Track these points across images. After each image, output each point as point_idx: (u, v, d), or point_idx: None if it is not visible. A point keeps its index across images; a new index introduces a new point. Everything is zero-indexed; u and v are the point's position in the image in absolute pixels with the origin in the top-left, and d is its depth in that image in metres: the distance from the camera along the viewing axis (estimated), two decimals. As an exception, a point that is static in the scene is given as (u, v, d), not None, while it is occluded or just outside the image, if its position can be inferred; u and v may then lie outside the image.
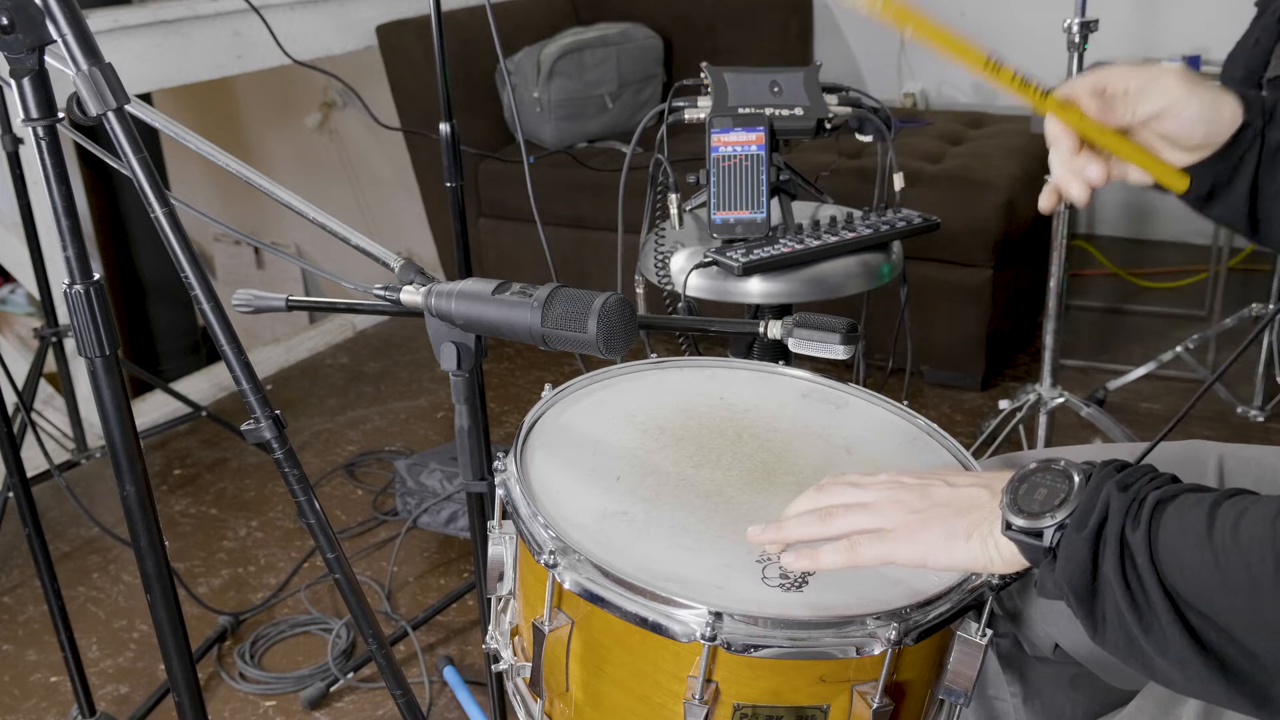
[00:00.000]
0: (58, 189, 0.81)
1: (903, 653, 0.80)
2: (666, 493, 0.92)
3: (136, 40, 2.70)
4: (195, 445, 2.83)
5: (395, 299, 1.01)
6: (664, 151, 1.67)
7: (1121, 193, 3.77)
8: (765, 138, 1.61)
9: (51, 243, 2.32)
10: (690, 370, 1.13)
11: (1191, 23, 3.22)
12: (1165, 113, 0.90)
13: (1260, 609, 0.68)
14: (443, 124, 1.48)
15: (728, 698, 0.80)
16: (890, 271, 1.66)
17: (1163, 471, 0.77)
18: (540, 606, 0.86)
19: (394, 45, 3.16)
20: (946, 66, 3.66)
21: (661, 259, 1.65)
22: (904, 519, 0.83)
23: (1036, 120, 2.76)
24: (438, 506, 2.27)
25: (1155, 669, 0.74)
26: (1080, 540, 0.74)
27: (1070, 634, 0.99)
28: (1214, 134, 0.91)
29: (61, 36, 0.77)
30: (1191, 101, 0.89)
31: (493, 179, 3.22)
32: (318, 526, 0.95)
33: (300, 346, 3.40)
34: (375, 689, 1.93)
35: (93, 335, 0.85)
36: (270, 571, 2.29)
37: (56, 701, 1.95)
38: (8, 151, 2.21)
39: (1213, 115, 0.90)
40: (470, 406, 1.08)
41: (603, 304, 0.91)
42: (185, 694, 0.98)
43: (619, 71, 3.28)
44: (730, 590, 0.81)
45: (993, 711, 1.09)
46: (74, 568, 2.32)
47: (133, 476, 0.88)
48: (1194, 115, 0.90)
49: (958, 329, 2.82)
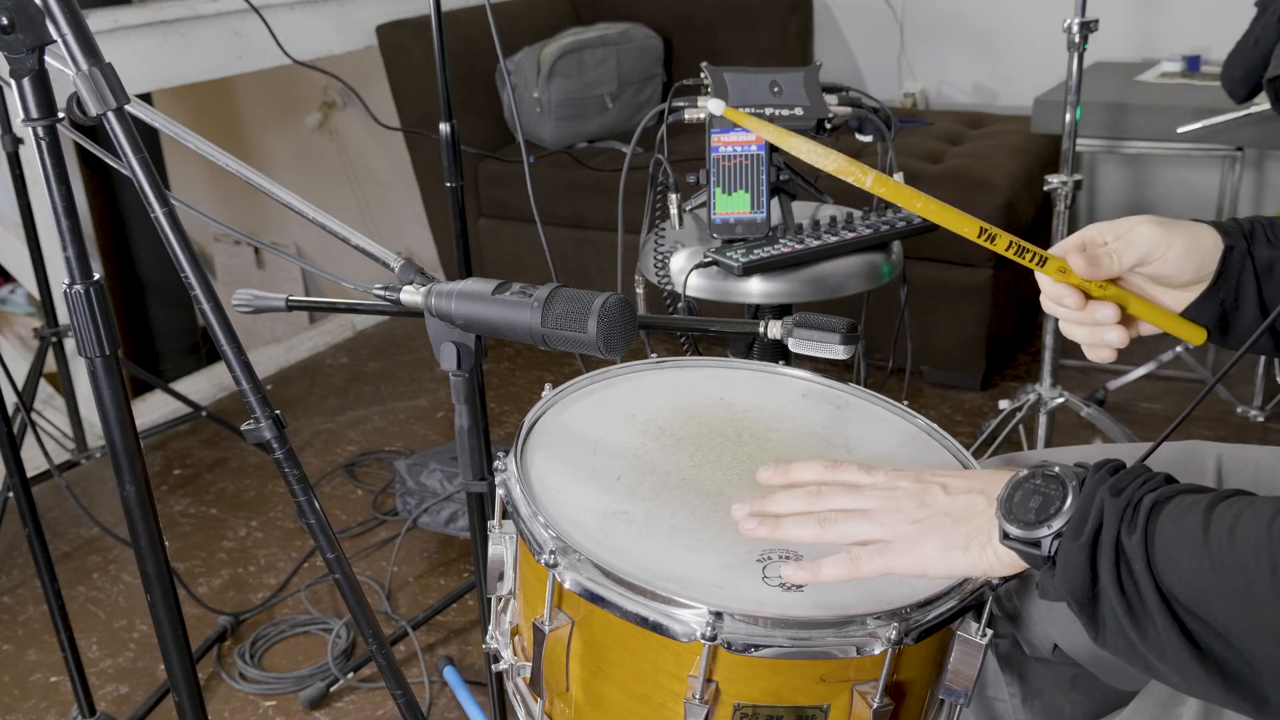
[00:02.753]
0: (58, 189, 0.81)
1: (903, 652, 0.80)
2: (666, 493, 0.92)
3: (136, 40, 2.70)
4: (195, 445, 2.83)
5: (395, 299, 1.01)
6: (664, 151, 1.67)
7: (1121, 192, 3.77)
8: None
9: (51, 243, 2.32)
10: (690, 370, 1.13)
11: (1191, 23, 3.22)
12: (1149, 258, 0.92)
13: (1256, 613, 0.68)
14: (443, 124, 1.48)
15: (728, 697, 0.80)
16: (890, 271, 1.66)
17: (1157, 471, 0.77)
18: (540, 606, 0.86)
19: (394, 45, 3.16)
20: (946, 66, 3.66)
21: (661, 259, 1.65)
22: (903, 530, 0.84)
23: (1037, 120, 2.76)
24: (438, 506, 2.27)
25: (1156, 672, 0.74)
26: (1077, 549, 0.74)
27: (1070, 634, 0.99)
28: (1203, 267, 0.93)
29: (61, 36, 0.77)
30: (1172, 242, 0.91)
31: (493, 179, 3.22)
32: (318, 526, 0.95)
33: (300, 346, 3.40)
34: (375, 689, 1.93)
35: (93, 335, 0.85)
36: (270, 571, 2.29)
37: (56, 701, 1.95)
38: (8, 151, 2.21)
39: (1195, 248, 0.92)
40: (470, 406, 1.08)
41: (603, 304, 0.91)
42: (185, 694, 0.98)
43: (619, 71, 3.28)
44: (730, 590, 0.81)
45: (992, 711, 1.09)
46: (74, 568, 2.32)
47: (133, 476, 0.88)
48: (1178, 254, 0.92)
49: (958, 329, 2.82)
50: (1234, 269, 0.93)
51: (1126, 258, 0.92)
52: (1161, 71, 2.98)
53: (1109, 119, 2.63)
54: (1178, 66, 2.97)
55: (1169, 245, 0.91)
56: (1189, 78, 2.90)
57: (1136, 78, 2.95)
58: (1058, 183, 2.19)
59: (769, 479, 0.91)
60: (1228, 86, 2.25)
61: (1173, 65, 2.98)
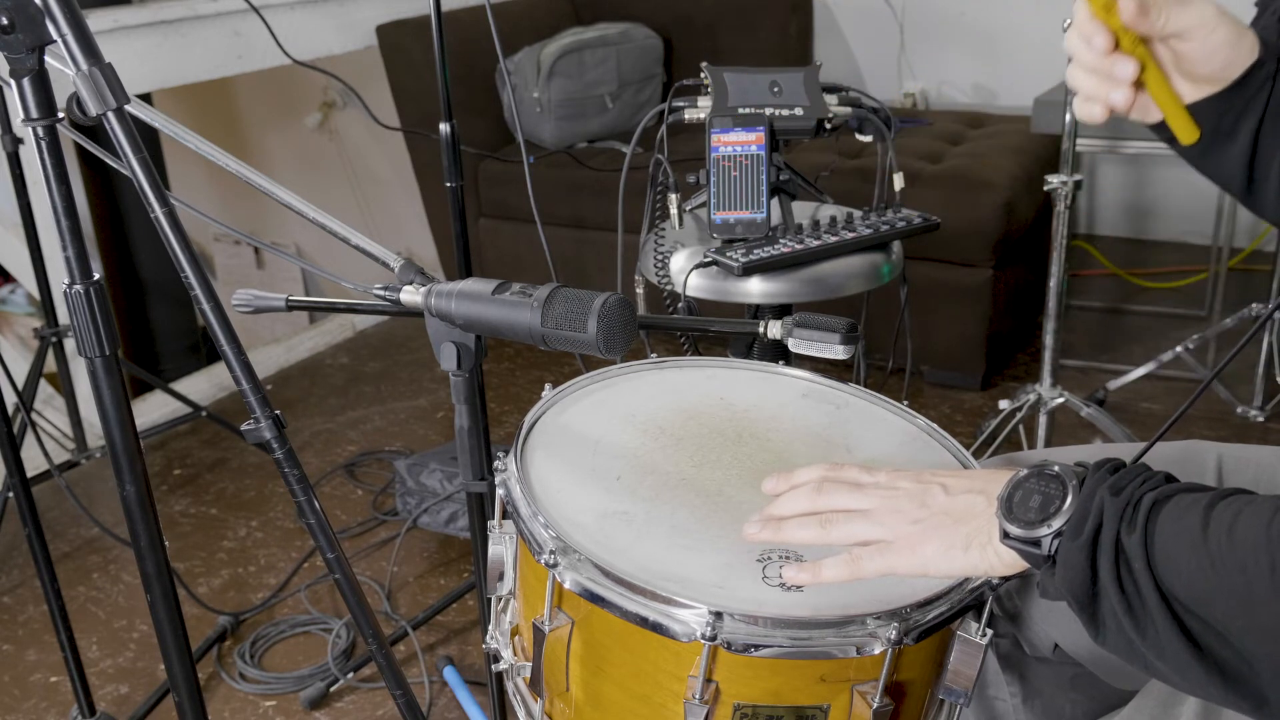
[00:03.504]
0: (58, 189, 0.81)
1: (903, 652, 0.80)
2: (666, 492, 0.92)
3: (136, 40, 2.70)
4: (195, 445, 2.83)
5: (395, 299, 1.01)
6: (664, 151, 1.67)
7: (1121, 192, 3.77)
8: (765, 138, 1.61)
9: (51, 243, 2.32)
10: (690, 370, 1.13)
11: (1191, 23, 3.22)
12: (1193, 30, 0.88)
13: (1255, 612, 0.68)
14: (443, 124, 1.48)
15: (728, 697, 0.80)
16: (890, 271, 1.66)
17: (1156, 470, 0.77)
18: (540, 606, 0.86)
19: (394, 45, 3.16)
20: (946, 66, 3.66)
21: (661, 259, 1.65)
22: (904, 530, 0.84)
23: (1036, 120, 2.75)
24: (438, 506, 2.27)
25: (1155, 671, 0.74)
26: (1076, 548, 0.74)
27: (1070, 634, 0.99)
28: (1230, 66, 0.90)
29: (61, 36, 0.77)
30: (1220, 26, 0.88)
31: (493, 179, 3.22)
32: (318, 526, 0.95)
33: (300, 346, 3.40)
34: (375, 689, 1.93)
35: (93, 335, 0.85)
36: (270, 571, 2.29)
37: (56, 701, 1.95)
38: (8, 151, 2.21)
39: (1235, 44, 0.89)
40: (470, 406, 1.08)
41: (603, 304, 0.91)
42: (185, 694, 0.98)
43: (619, 71, 3.28)
44: (730, 590, 0.81)
45: (993, 711, 1.09)
46: (74, 568, 2.32)
47: (133, 476, 0.88)
48: (1220, 40, 0.88)
49: (958, 329, 2.82)
50: (1252, 85, 0.90)
51: (1175, 20, 0.87)
52: (1161, 71, 2.97)
53: (1109, 119, 2.63)
54: None
55: (1215, 28, 0.88)
56: (1189, 78, 2.89)
57: (1136, 78, 2.94)
58: (1058, 183, 2.19)
59: (773, 489, 0.91)
60: None
61: None
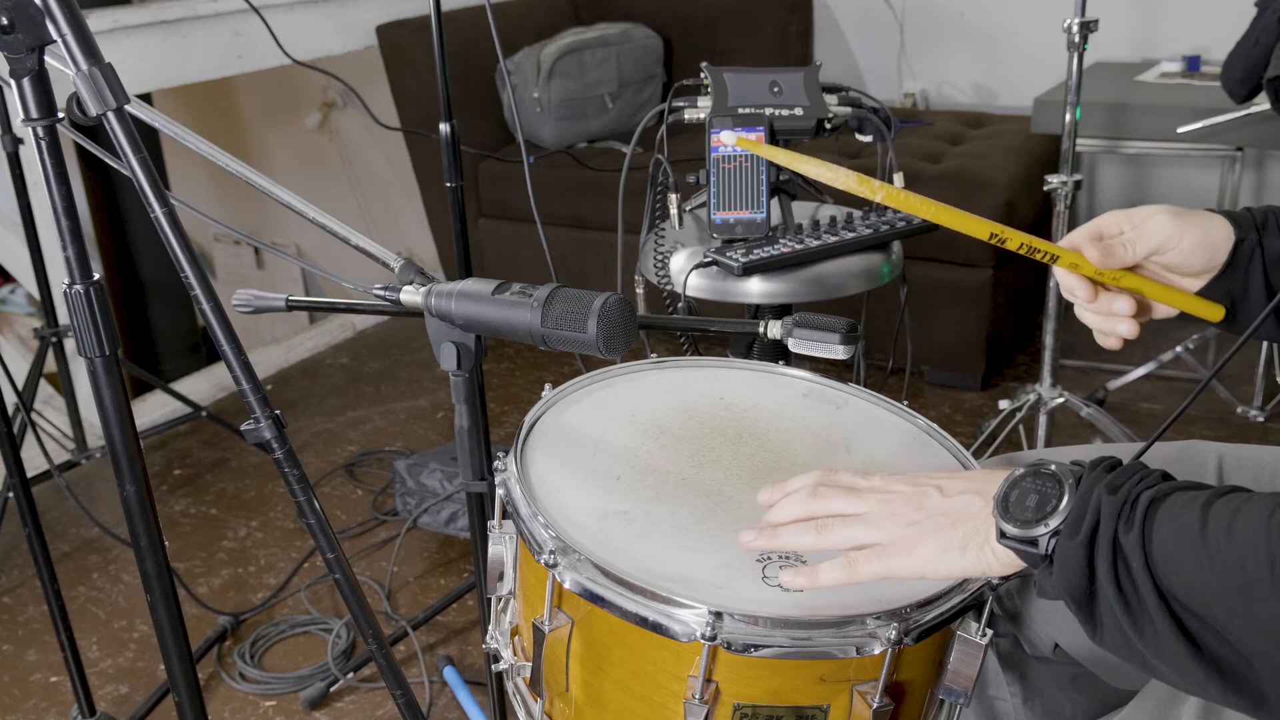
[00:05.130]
0: (58, 189, 0.81)
1: (903, 652, 0.80)
2: (666, 492, 0.92)
3: (136, 40, 2.70)
4: (195, 445, 2.83)
5: (395, 299, 1.01)
6: (664, 151, 1.67)
7: (1121, 192, 3.77)
8: (765, 137, 1.61)
9: (51, 243, 2.32)
10: (690, 370, 1.13)
11: (1191, 23, 3.22)
12: (1163, 248, 0.94)
13: (1254, 611, 0.68)
14: (443, 124, 1.48)
15: (728, 697, 0.80)
16: (890, 271, 1.66)
17: (1153, 469, 0.77)
18: (540, 606, 0.86)
19: (394, 45, 3.16)
20: (947, 66, 3.66)
21: (661, 259, 1.65)
22: (900, 533, 0.84)
23: (1036, 120, 2.76)
24: (438, 506, 2.27)
25: (1154, 670, 0.74)
26: (1074, 547, 0.74)
27: (1070, 634, 0.99)
28: (1214, 257, 0.95)
29: (61, 36, 0.77)
30: (1185, 234, 0.93)
31: (493, 179, 3.22)
32: (318, 526, 0.95)
33: (300, 346, 3.40)
34: (375, 689, 1.93)
35: (93, 335, 0.85)
36: (270, 571, 2.29)
37: (56, 701, 1.95)
38: (8, 151, 2.21)
39: (1208, 240, 0.94)
40: (470, 406, 1.08)
41: (603, 304, 0.91)
42: (185, 694, 0.98)
43: (619, 71, 3.28)
44: (730, 590, 0.81)
45: (993, 711, 1.09)
46: (74, 568, 2.32)
47: (133, 476, 0.88)
48: (1191, 245, 0.94)
49: (958, 329, 2.82)
50: (1244, 259, 0.95)
51: (1140, 248, 0.93)
52: (1161, 71, 2.98)
53: (1109, 119, 2.63)
54: (1178, 66, 2.97)
55: (1182, 236, 0.93)
56: (1189, 78, 2.90)
57: (1136, 78, 2.95)
58: (1058, 183, 2.19)
59: (768, 500, 0.91)
60: (1228, 86, 2.25)
61: (1173, 65, 2.98)
